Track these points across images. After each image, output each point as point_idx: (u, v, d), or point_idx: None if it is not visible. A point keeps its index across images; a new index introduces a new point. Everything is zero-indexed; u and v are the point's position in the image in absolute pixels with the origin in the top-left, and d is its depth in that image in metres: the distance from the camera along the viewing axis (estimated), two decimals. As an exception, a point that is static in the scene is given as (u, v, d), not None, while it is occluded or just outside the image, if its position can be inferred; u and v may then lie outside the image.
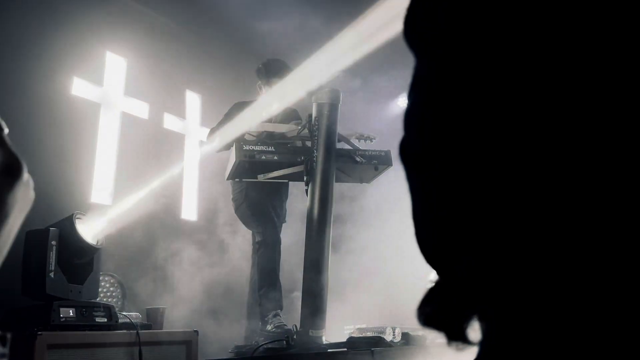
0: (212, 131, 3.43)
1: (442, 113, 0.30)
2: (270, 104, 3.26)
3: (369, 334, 2.83)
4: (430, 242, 0.32)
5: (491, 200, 0.27)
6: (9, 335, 0.37)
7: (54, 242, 2.17)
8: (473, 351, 0.32)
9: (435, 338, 2.90)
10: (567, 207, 0.26)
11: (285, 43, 4.42)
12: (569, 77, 0.26)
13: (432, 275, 0.33)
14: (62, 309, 2.11)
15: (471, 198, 0.28)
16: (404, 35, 0.34)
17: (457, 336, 0.31)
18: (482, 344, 0.30)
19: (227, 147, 3.28)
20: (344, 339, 2.84)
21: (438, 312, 0.31)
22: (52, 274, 2.15)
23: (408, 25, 0.33)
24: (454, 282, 0.30)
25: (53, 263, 2.16)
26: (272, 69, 3.40)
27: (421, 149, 0.31)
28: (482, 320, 0.31)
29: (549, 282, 0.26)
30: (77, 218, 2.28)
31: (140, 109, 4.14)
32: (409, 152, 0.32)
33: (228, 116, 3.40)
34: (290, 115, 3.50)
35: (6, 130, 0.39)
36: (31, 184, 0.40)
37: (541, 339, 0.27)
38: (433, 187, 0.31)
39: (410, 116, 0.33)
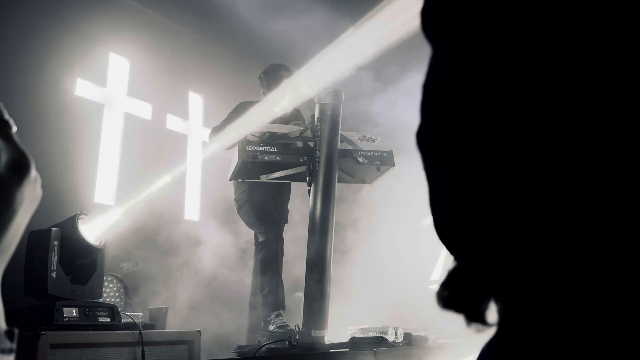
0: (215, 130, 3.43)
1: (457, 101, 0.31)
2: (275, 106, 3.26)
3: (371, 335, 2.83)
4: (450, 229, 0.32)
5: (508, 186, 0.28)
6: (16, 331, 0.37)
7: (56, 242, 2.18)
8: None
9: (437, 338, 2.90)
10: (579, 195, 0.26)
11: (289, 43, 4.42)
12: (573, 71, 0.27)
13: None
14: (65, 309, 2.12)
15: (487, 185, 0.29)
16: (421, 27, 0.34)
17: (476, 318, 0.31)
18: (499, 326, 0.31)
19: (230, 147, 3.29)
20: (346, 339, 2.84)
21: (457, 295, 0.32)
22: (53, 274, 2.16)
23: (425, 17, 0.34)
24: (474, 267, 0.31)
25: (55, 263, 2.16)
26: (271, 78, 3.42)
27: (437, 137, 0.32)
28: (499, 304, 0.31)
29: (566, 269, 0.27)
30: (80, 218, 2.28)
31: (143, 110, 4.15)
32: (426, 139, 0.33)
33: (232, 116, 3.41)
34: (293, 115, 3.50)
35: (14, 128, 0.40)
36: (39, 181, 0.40)
37: (554, 323, 0.28)
38: (450, 173, 0.31)
39: (426, 105, 0.33)
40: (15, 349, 0.37)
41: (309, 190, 3.07)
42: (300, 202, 3.44)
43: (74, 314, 2.15)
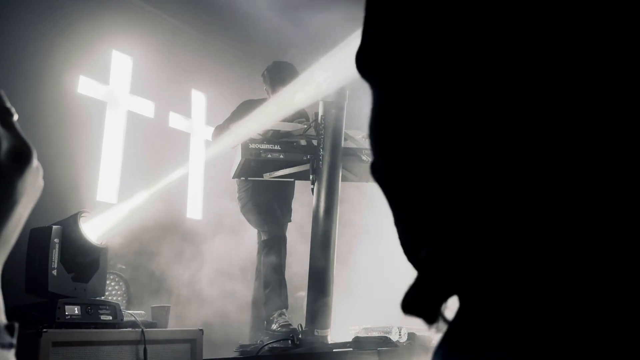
0: (218, 129, 3.42)
1: (392, 131, 0.35)
2: (281, 108, 3.23)
3: (375, 334, 2.81)
4: (403, 243, 0.38)
5: (440, 206, 0.33)
6: (16, 325, 0.36)
7: (56, 240, 2.16)
8: None
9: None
10: (513, 192, 0.29)
11: (293, 41, 4.41)
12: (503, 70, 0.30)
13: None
14: (67, 307, 2.11)
15: (424, 205, 0.34)
16: (357, 68, 0.39)
17: (433, 319, 0.35)
18: (450, 322, 0.35)
19: (233, 146, 3.27)
20: (349, 339, 2.82)
21: (414, 301, 0.36)
22: (54, 272, 2.14)
23: (360, 60, 0.38)
24: (421, 274, 0.36)
25: (56, 261, 2.15)
26: (275, 77, 3.40)
27: (383, 165, 0.37)
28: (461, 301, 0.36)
29: (500, 265, 0.30)
30: (82, 217, 2.27)
31: (146, 108, 4.14)
32: (376, 170, 0.38)
33: (235, 115, 3.39)
34: (296, 112, 3.49)
35: (16, 116, 0.39)
36: (41, 171, 0.39)
37: (498, 317, 0.31)
38: (397, 198, 0.37)
39: (371, 139, 0.38)
40: (16, 343, 0.36)
41: (312, 189, 3.05)
42: (304, 200, 3.42)
43: (76, 311, 2.14)
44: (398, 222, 0.37)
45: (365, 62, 0.38)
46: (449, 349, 0.34)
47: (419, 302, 0.36)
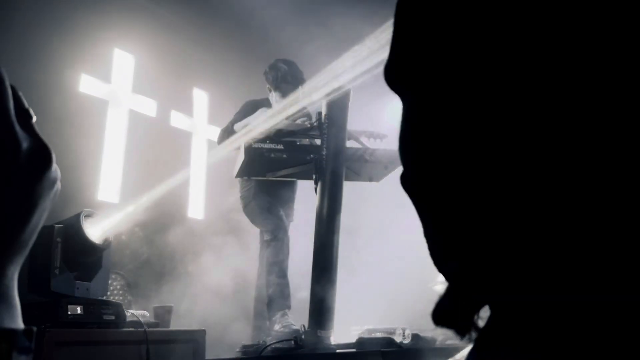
0: (224, 133, 3.40)
1: (428, 142, 0.35)
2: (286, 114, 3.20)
3: (379, 335, 2.80)
4: (433, 254, 0.37)
5: (470, 215, 0.32)
6: (34, 329, 0.36)
7: (59, 239, 2.15)
8: None
9: (445, 339, 2.87)
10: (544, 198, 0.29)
11: (295, 39, 4.40)
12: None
13: (440, 277, 0.38)
14: (69, 306, 2.09)
15: (456, 217, 0.33)
16: (387, 81, 0.39)
17: (465, 331, 0.35)
18: (482, 330, 0.35)
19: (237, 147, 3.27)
20: (353, 340, 2.81)
21: (446, 312, 0.36)
22: (57, 271, 2.13)
23: (390, 72, 0.38)
24: (451, 284, 0.36)
25: (58, 260, 2.13)
26: (277, 75, 3.38)
27: (414, 180, 0.37)
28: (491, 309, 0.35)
29: (536, 272, 0.30)
30: (86, 216, 2.25)
31: (148, 107, 4.13)
32: (409, 183, 0.38)
33: (239, 115, 3.38)
34: (299, 111, 3.48)
35: (34, 118, 0.38)
36: (59, 174, 0.39)
37: (529, 324, 0.31)
38: (428, 210, 0.36)
39: (403, 152, 0.38)
40: (34, 348, 0.35)
41: (315, 189, 3.03)
42: (307, 200, 3.41)
43: (79, 311, 2.12)
44: (428, 234, 0.37)
45: (396, 74, 0.38)
46: (478, 357, 0.35)
47: (450, 313, 0.36)
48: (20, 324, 0.36)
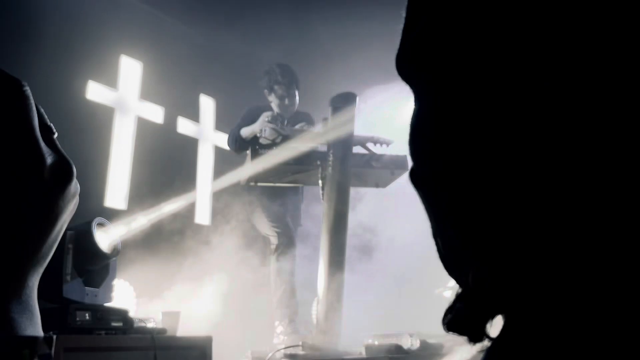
0: (232, 136, 3.43)
1: (444, 135, 0.33)
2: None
3: (386, 341, 2.79)
4: (447, 256, 0.35)
5: (492, 216, 0.31)
6: (54, 337, 0.37)
7: (70, 246, 2.16)
8: None
9: (453, 345, 2.86)
10: (565, 212, 0.28)
11: (300, 45, 4.42)
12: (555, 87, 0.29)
13: (452, 283, 0.36)
14: (78, 312, 2.10)
15: (475, 214, 0.32)
16: (399, 71, 0.37)
17: (477, 338, 0.34)
18: (495, 339, 0.34)
19: (243, 148, 3.29)
20: (360, 346, 2.80)
21: (458, 318, 0.35)
22: (68, 277, 2.13)
23: (402, 61, 0.37)
24: (468, 290, 0.34)
25: (69, 266, 2.14)
26: (271, 78, 3.42)
27: (424, 177, 0.35)
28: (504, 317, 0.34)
29: (548, 283, 0.29)
30: (98, 225, 2.26)
31: (155, 113, 4.15)
32: (419, 177, 0.36)
33: (244, 120, 3.40)
34: (302, 117, 3.50)
35: (56, 134, 0.40)
36: (78, 188, 0.40)
37: (545, 333, 0.30)
38: (438, 210, 0.35)
39: (415, 144, 0.36)
40: (53, 355, 0.37)
41: (322, 194, 3.04)
42: (313, 206, 3.41)
43: (87, 317, 2.13)
44: (438, 235, 0.35)
45: (408, 64, 0.36)
46: None
47: (463, 320, 0.35)
48: (40, 332, 0.37)
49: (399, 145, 3.28)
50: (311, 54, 4.45)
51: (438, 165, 0.34)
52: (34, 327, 0.37)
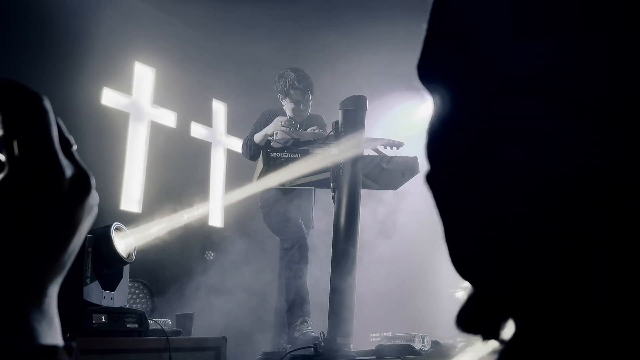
0: (246, 144, 3.46)
1: (464, 139, 0.33)
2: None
3: (398, 342, 2.80)
4: (462, 259, 0.35)
5: (506, 220, 0.31)
6: (74, 345, 0.37)
7: (90, 250, 2.20)
8: None
9: (465, 346, 2.86)
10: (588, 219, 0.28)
11: (313, 50, 4.44)
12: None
13: (465, 285, 0.36)
14: (94, 315, 2.14)
15: (488, 217, 0.32)
16: (420, 78, 0.37)
17: (490, 339, 0.34)
18: (509, 340, 0.34)
19: (258, 155, 3.32)
20: (372, 347, 2.81)
21: (472, 318, 0.35)
22: (88, 280, 2.18)
23: (425, 66, 0.37)
24: (485, 291, 0.34)
25: (89, 270, 2.19)
26: (286, 83, 3.42)
27: (440, 180, 0.35)
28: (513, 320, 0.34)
29: (573, 288, 0.29)
30: (116, 229, 2.30)
31: (168, 118, 4.21)
32: (432, 184, 0.36)
33: (257, 125, 3.43)
34: (314, 120, 3.51)
35: (75, 146, 0.41)
36: (97, 198, 0.41)
37: (561, 337, 0.30)
38: (452, 212, 0.35)
39: (433, 148, 0.36)
40: None
41: (333, 197, 3.05)
42: (325, 208, 3.43)
43: (103, 320, 2.17)
44: (449, 237, 0.35)
45: (429, 70, 0.37)
46: None
47: (477, 321, 0.35)
48: (60, 340, 0.38)
49: (410, 147, 3.28)
50: (321, 57, 4.47)
51: (454, 168, 0.34)
52: (53, 335, 0.37)
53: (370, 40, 4.30)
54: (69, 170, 0.38)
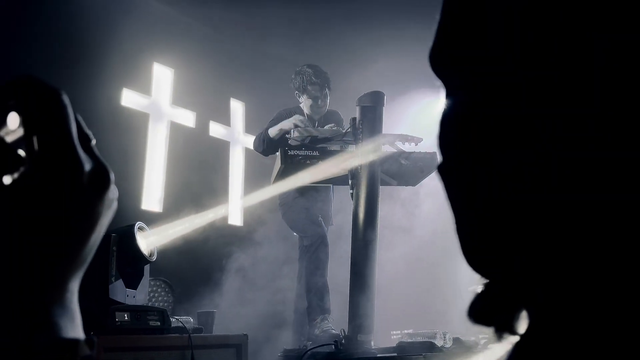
0: (259, 138, 3.46)
1: (478, 129, 0.32)
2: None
3: (419, 339, 2.78)
4: (474, 250, 0.35)
5: (527, 207, 0.30)
6: (95, 339, 0.38)
7: (114, 248, 2.22)
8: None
9: (487, 343, 2.83)
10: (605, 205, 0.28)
11: (328, 49, 4.43)
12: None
13: (479, 280, 0.36)
14: (117, 313, 2.17)
15: (499, 206, 0.31)
16: (432, 66, 0.37)
17: (505, 331, 0.34)
18: (524, 332, 0.33)
19: (270, 150, 3.33)
20: (393, 344, 2.80)
21: (487, 310, 0.35)
22: (113, 279, 2.20)
23: (436, 56, 0.36)
24: (497, 282, 0.34)
25: (114, 268, 2.21)
26: (304, 79, 3.42)
27: (451, 170, 0.35)
28: (527, 312, 0.34)
29: (588, 278, 0.29)
30: (139, 229, 2.33)
31: (187, 118, 4.24)
32: (444, 174, 0.36)
33: (273, 123, 3.44)
34: (331, 117, 3.51)
35: (94, 141, 0.41)
36: (116, 193, 0.41)
37: (577, 329, 0.29)
38: (464, 203, 0.34)
39: (446, 138, 0.36)
40: (95, 356, 0.38)
41: (351, 194, 3.04)
42: (344, 205, 3.43)
43: (126, 318, 2.19)
44: (461, 229, 0.35)
45: (440, 58, 0.36)
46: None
47: (489, 312, 0.35)
48: (81, 334, 0.38)
49: (429, 143, 3.26)
50: (338, 55, 4.47)
51: (465, 157, 0.33)
52: (75, 329, 0.38)
53: (388, 37, 4.27)
54: (88, 165, 0.38)
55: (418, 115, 4.50)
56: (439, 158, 0.37)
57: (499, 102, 0.31)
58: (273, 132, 3.36)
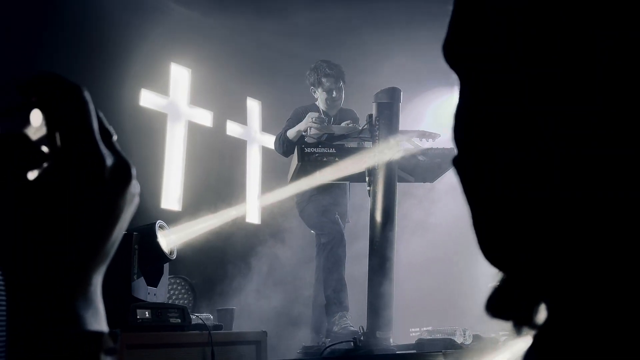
0: (279, 139, 3.48)
1: (491, 121, 0.32)
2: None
3: (439, 336, 2.77)
4: (491, 245, 0.34)
5: (530, 204, 0.30)
6: (119, 332, 0.39)
7: (136, 247, 2.25)
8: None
9: (507, 340, 2.80)
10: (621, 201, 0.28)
11: (344, 47, 4.43)
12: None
13: (497, 276, 0.35)
14: (138, 310, 2.19)
15: (515, 199, 0.31)
16: (446, 58, 0.36)
17: (523, 324, 0.34)
18: (542, 327, 0.33)
19: (291, 151, 3.34)
20: (412, 342, 2.79)
21: (505, 303, 0.35)
22: (135, 276, 2.23)
23: (450, 48, 0.36)
24: (518, 277, 0.34)
25: (136, 266, 2.24)
26: (318, 72, 3.43)
27: (474, 160, 0.34)
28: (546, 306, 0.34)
29: (606, 273, 0.29)
30: (159, 227, 2.35)
31: (205, 117, 4.28)
32: (459, 169, 0.35)
33: (291, 122, 3.45)
34: (347, 114, 3.50)
35: (115, 137, 0.41)
36: (138, 188, 0.41)
37: (595, 320, 0.29)
38: (481, 197, 0.34)
39: (460, 132, 0.35)
40: (118, 349, 0.39)
41: (369, 191, 3.04)
42: (361, 202, 3.42)
43: (147, 315, 2.22)
44: (478, 223, 0.34)
45: (454, 50, 0.36)
46: (539, 357, 0.33)
47: (507, 306, 0.35)
48: (105, 327, 0.39)
49: (446, 138, 3.23)
50: (354, 53, 4.46)
51: (481, 151, 0.33)
52: (98, 322, 0.38)
53: (404, 34, 4.25)
54: (109, 160, 0.39)
55: (435, 111, 4.47)
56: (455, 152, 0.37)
57: (502, 100, 0.31)
58: (291, 134, 3.38)
